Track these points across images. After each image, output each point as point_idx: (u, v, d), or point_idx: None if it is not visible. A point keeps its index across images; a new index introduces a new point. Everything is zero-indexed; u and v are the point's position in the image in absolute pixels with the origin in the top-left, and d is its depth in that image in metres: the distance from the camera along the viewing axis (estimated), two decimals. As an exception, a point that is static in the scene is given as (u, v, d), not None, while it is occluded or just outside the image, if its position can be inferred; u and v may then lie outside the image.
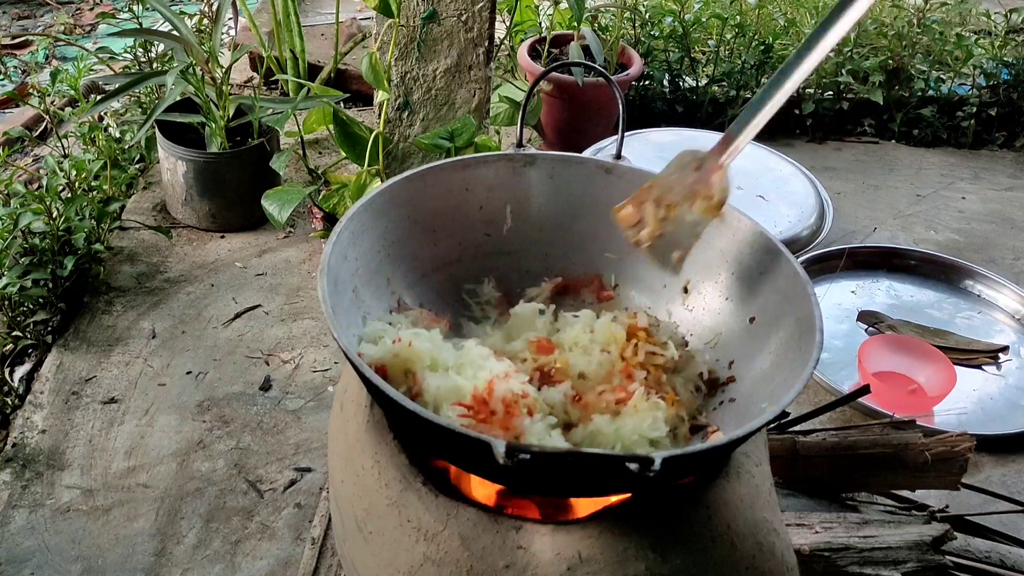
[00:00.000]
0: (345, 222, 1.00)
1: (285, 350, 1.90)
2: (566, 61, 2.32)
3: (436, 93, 2.06)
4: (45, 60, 3.23)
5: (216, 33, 2.17)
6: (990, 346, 1.95)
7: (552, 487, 0.88)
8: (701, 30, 2.86)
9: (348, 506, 0.98)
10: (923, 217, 2.50)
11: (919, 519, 1.33)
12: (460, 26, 1.98)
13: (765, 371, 0.98)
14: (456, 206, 1.14)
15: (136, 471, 1.61)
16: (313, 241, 2.23)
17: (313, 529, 1.44)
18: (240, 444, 1.68)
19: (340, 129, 2.12)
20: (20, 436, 1.67)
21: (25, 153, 2.64)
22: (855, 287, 2.13)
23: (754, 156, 2.29)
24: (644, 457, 0.72)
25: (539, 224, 1.18)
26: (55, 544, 1.47)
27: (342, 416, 1.04)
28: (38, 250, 1.89)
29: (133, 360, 1.85)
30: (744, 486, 0.94)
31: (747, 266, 1.06)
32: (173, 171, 2.20)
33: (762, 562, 0.91)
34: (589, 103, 2.50)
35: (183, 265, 2.14)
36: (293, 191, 2.01)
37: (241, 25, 2.89)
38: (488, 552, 0.86)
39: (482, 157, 1.16)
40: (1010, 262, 2.32)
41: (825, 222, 2.15)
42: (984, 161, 2.82)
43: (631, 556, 0.85)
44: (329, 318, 0.87)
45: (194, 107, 2.18)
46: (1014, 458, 1.70)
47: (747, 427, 0.81)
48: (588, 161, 1.18)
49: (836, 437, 1.42)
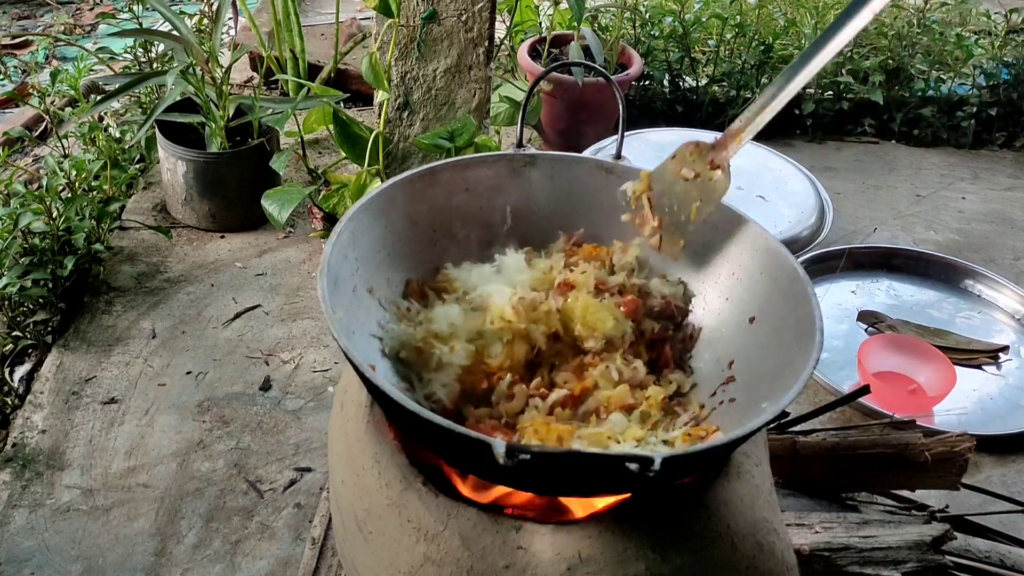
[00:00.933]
0: (345, 222, 1.00)
1: (285, 350, 1.90)
2: (566, 61, 2.32)
3: (436, 93, 2.06)
4: (45, 60, 3.23)
5: (216, 33, 2.17)
6: (990, 346, 1.95)
7: (552, 487, 0.88)
8: (701, 30, 2.86)
9: (348, 506, 0.98)
10: (923, 217, 2.50)
11: (919, 519, 1.33)
12: (460, 26, 1.98)
13: (765, 371, 0.97)
14: (456, 206, 1.14)
15: (136, 471, 1.61)
16: (313, 241, 2.23)
17: (313, 529, 1.44)
18: (240, 444, 1.68)
19: (340, 129, 2.12)
20: (20, 436, 1.67)
21: (25, 153, 2.64)
22: (855, 287, 2.13)
23: (754, 156, 2.29)
24: (644, 457, 0.72)
25: (539, 224, 1.18)
26: (55, 544, 1.47)
27: (342, 416, 1.04)
28: (38, 250, 1.89)
29: (133, 360, 1.85)
30: (744, 486, 0.94)
31: (747, 266, 1.06)
32: (173, 171, 2.20)
33: (762, 562, 0.91)
34: (589, 103, 2.50)
35: (183, 265, 2.14)
36: (293, 191, 2.01)
37: (241, 25, 2.89)
38: (488, 552, 0.86)
39: (482, 157, 1.16)
40: (1010, 262, 2.32)
41: (825, 222, 2.15)
42: (984, 161, 2.82)
43: (631, 556, 0.85)
44: (329, 318, 0.87)
45: (194, 107, 2.18)
46: (1014, 458, 1.70)
47: (747, 427, 0.81)
48: (588, 161, 1.17)
49: (836, 437, 1.42)
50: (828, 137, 2.85)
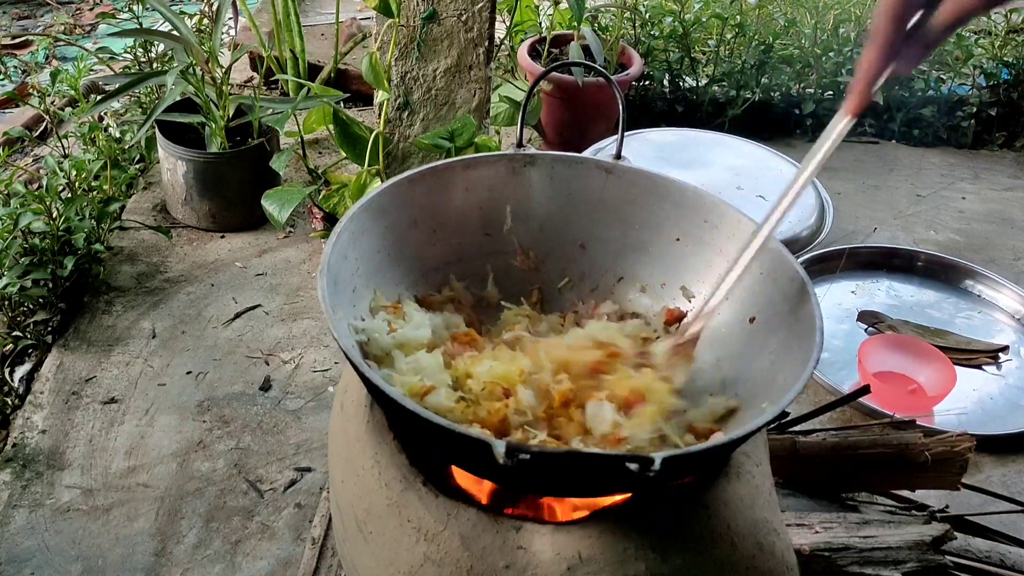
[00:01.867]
0: (345, 222, 1.00)
1: (285, 350, 1.90)
2: (566, 61, 2.32)
3: (436, 93, 2.06)
4: (45, 60, 3.23)
5: (216, 33, 2.17)
6: (990, 346, 1.95)
7: (552, 487, 0.88)
8: (701, 30, 2.85)
9: (348, 506, 0.98)
10: (923, 217, 2.50)
11: (919, 519, 1.33)
12: (460, 26, 1.98)
13: (765, 371, 0.97)
14: (456, 206, 1.14)
15: (136, 471, 1.61)
16: (313, 241, 2.23)
17: (313, 529, 1.44)
18: (240, 444, 1.68)
19: (340, 129, 2.12)
20: (20, 436, 1.67)
21: (25, 153, 2.64)
22: (855, 287, 2.13)
23: (754, 156, 2.29)
24: (644, 457, 0.72)
25: (539, 224, 1.18)
26: (55, 544, 1.47)
27: (342, 416, 1.04)
28: (38, 250, 1.89)
29: (133, 360, 1.85)
30: (744, 486, 0.94)
31: (747, 266, 1.06)
32: (173, 171, 2.20)
33: (762, 562, 0.91)
34: (589, 103, 2.50)
35: (183, 265, 2.14)
36: (293, 191, 2.01)
37: (241, 25, 2.89)
38: (488, 552, 0.86)
39: (482, 157, 1.16)
40: (1010, 262, 2.32)
41: (825, 222, 2.15)
42: (984, 161, 2.82)
43: (631, 556, 0.85)
44: (329, 318, 0.87)
45: (194, 107, 2.18)
46: (1014, 458, 1.70)
47: (747, 427, 0.81)
48: (588, 161, 1.17)
49: (836, 437, 1.42)
50: (828, 137, 2.85)
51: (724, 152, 2.31)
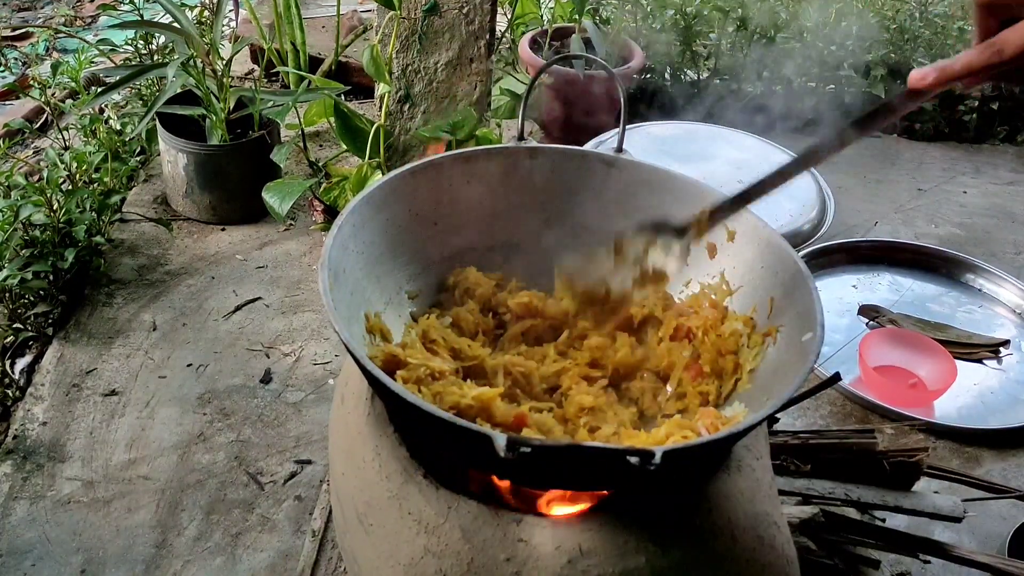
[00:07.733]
0: (346, 215, 1.00)
1: (286, 343, 1.90)
2: (567, 54, 2.32)
3: (437, 86, 2.06)
4: (46, 52, 3.22)
5: (217, 25, 2.17)
6: (991, 340, 1.95)
7: (553, 480, 0.88)
8: (703, 23, 2.85)
9: (349, 499, 0.98)
10: (924, 211, 2.49)
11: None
12: (461, 19, 1.97)
13: (765, 365, 0.98)
14: (457, 199, 1.14)
15: (137, 463, 1.61)
16: (314, 234, 2.23)
17: (314, 521, 1.45)
18: (241, 436, 1.68)
19: (341, 122, 2.11)
20: (21, 428, 1.67)
21: (26, 145, 2.64)
22: (856, 281, 2.13)
23: (755, 149, 2.29)
24: (644, 451, 0.72)
25: (540, 217, 1.18)
26: (56, 536, 1.47)
27: (343, 409, 1.04)
28: (39, 242, 1.89)
29: (134, 352, 1.85)
30: (745, 480, 0.94)
31: (748, 259, 1.06)
32: (174, 163, 2.20)
33: (762, 555, 0.91)
34: (590, 96, 2.50)
35: (184, 257, 2.14)
36: (294, 184, 2.01)
37: (242, 17, 2.89)
38: (489, 545, 0.86)
39: (483, 150, 1.16)
40: (1011, 256, 2.32)
41: (826, 216, 2.15)
42: (985, 155, 2.81)
43: (631, 549, 0.85)
44: (330, 311, 0.87)
45: (195, 99, 2.18)
46: (1014, 452, 1.70)
47: (748, 420, 0.81)
48: (589, 154, 1.17)
49: (798, 440, 1.40)
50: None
51: (725, 145, 2.31)
